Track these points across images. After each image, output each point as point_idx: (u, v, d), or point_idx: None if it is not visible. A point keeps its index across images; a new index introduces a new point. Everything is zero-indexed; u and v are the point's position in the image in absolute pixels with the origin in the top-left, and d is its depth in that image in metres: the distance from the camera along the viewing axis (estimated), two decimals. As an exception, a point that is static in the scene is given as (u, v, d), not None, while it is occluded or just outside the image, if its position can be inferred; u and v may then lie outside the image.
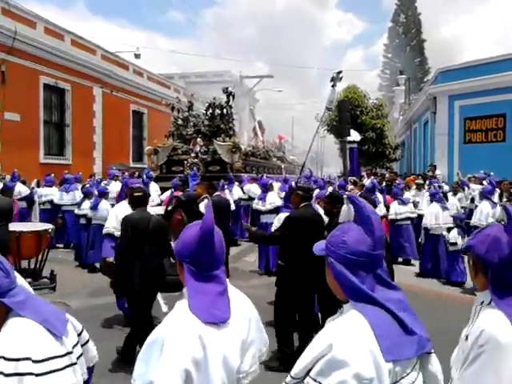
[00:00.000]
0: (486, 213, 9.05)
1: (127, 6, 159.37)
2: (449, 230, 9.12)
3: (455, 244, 8.71)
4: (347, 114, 17.29)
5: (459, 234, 8.71)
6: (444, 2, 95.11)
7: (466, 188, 12.89)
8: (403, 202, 10.63)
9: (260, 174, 14.52)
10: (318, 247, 1.88)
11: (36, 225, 9.53)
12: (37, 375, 1.76)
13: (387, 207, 10.74)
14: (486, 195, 9.49)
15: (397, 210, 10.58)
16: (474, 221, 9.18)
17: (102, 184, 12.26)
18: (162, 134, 28.14)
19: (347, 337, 1.61)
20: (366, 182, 14.79)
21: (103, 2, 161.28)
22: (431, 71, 44.47)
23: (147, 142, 27.69)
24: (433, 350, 1.80)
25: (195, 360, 1.76)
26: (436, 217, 9.44)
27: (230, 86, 16.19)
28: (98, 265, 8.73)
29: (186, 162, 13.39)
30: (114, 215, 6.13)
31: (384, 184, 13.14)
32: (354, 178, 14.02)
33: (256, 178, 13.21)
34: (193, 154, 13.52)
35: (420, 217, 10.46)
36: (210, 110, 14.70)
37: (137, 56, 27.62)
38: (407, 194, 11.51)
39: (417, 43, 53.77)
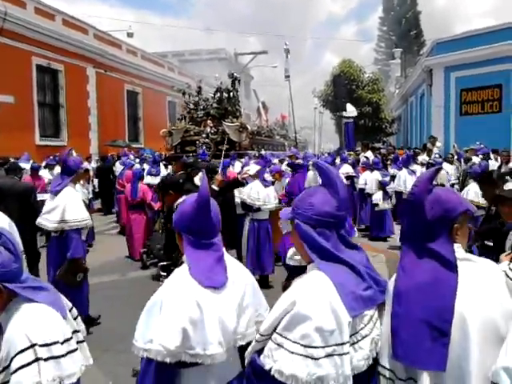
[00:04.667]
0: (403, 179, 10.51)
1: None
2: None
3: (377, 205, 10.54)
4: (343, 88, 17.21)
5: (383, 197, 10.52)
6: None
7: (462, 160, 12.93)
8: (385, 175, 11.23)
9: (264, 150, 14.94)
10: (284, 212, 1.99)
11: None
12: (64, 356, 1.93)
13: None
14: (404, 164, 10.97)
15: (367, 180, 11.24)
16: (393, 186, 10.80)
17: None
18: (157, 113, 28.23)
19: (309, 293, 1.74)
20: (362, 155, 14.84)
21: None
22: (427, 43, 44.11)
23: (143, 121, 27.58)
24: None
25: (192, 320, 1.89)
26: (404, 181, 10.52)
27: (225, 65, 16.76)
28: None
29: (197, 142, 14.35)
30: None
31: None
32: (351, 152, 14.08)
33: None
34: (204, 135, 14.48)
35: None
36: (218, 94, 15.64)
37: (129, 35, 27.33)
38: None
39: (412, 15, 53.07)
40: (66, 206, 4.92)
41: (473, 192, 6.70)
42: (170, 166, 12.72)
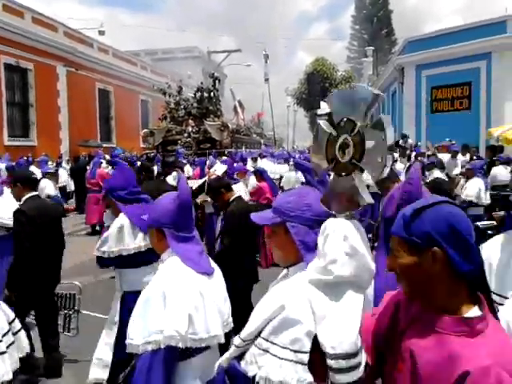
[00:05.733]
0: None
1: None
2: None
3: None
4: (317, 86, 17.40)
5: None
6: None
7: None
8: None
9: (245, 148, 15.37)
10: (267, 217, 1.85)
11: None
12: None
13: None
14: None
15: None
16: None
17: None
18: (130, 112, 27.85)
19: (299, 300, 1.63)
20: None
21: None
22: (398, 42, 44.66)
23: (115, 120, 27.20)
24: None
25: (196, 306, 1.96)
26: None
27: (199, 63, 17.22)
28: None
29: (179, 141, 14.67)
30: None
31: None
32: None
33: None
34: (185, 134, 14.78)
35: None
36: (199, 94, 15.97)
37: (101, 33, 26.84)
38: None
39: (384, 14, 53.68)
40: None
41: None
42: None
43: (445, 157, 12.28)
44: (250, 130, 19.42)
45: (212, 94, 15.91)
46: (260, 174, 8.80)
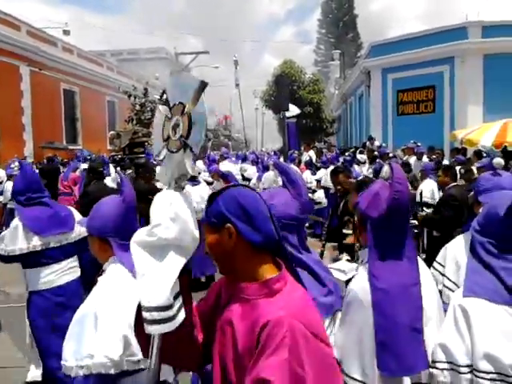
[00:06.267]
0: (305, 177, 10.78)
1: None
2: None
3: (320, 203, 10.64)
4: (286, 88, 17.43)
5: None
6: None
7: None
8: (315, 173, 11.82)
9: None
10: None
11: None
12: None
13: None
14: (306, 165, 11.70)
15: (308, 178, 11.58)
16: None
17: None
18: (96, 113, 27.38)
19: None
20: (304, 156, 15.08)
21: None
22: (364, 46, 45.41)
23: (81, 122, 26.67)
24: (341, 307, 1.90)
25: (131, 324, 1.79)
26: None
27: (166, 64, 16.97)
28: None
29: (146, 143, 14.63)
30: None
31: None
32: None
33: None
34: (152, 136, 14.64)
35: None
36: (165, 96, 15.88)
37: (66, 32, 26.25)
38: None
39: (349, 18, 54.57)
40: None
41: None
42: (118, 168, 12.51)
43: (410, 159, 12.55)
44: (218, 133, 19.47)
45: None
46: (225, 178, 8.75)
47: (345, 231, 4.56)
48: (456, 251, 2.58)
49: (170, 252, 1.39)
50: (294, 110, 20.06)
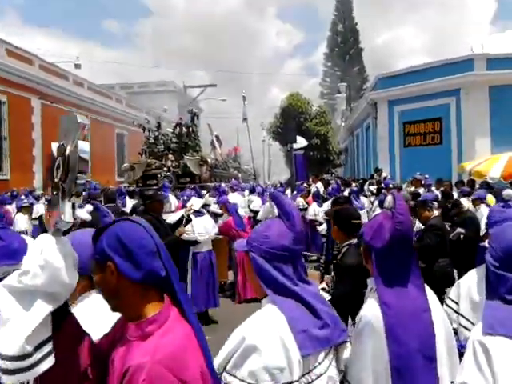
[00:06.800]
0: (313, 209, 10.86)
1: (59, 16, 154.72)
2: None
3: (325, 236, 10.20)
4: (293, 120, 17.64)
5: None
6: (379, 11, 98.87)
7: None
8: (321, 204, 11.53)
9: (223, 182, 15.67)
10: (240, 244, 1.91)
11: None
12: None
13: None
14: (314, 197, 11.60)
15: (316, 210, 11.33)
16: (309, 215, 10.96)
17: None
18: (105, 145, 27.69)
19: (259, 328, 1.66)
20: (313, 187, 15.07)
21: (35, 12, 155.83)
22: (369, 79, 46.02)
23: (90, 153, 26.90)
24: (348, 340, 1.85)
25: None
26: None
27: (174, 97, 17.54)
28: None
29: (159, 175, 14.79)
30: None
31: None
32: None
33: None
34: (165, 169, 15.02)
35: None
36: (178, 129, 16.26)
37: (77, 66, 26.87)
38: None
39: (355, 52, 55.47)
40: None
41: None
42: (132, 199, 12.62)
43: (419, 191, 12.52)
44: (228, 164, 19.69)
45: (191, 129, 16.27)
46: (227, 209, 8.71)
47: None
48: (470, 288, 2.53)
49: (37, 299, 1.35)
50: (301, 141, 20.22)
